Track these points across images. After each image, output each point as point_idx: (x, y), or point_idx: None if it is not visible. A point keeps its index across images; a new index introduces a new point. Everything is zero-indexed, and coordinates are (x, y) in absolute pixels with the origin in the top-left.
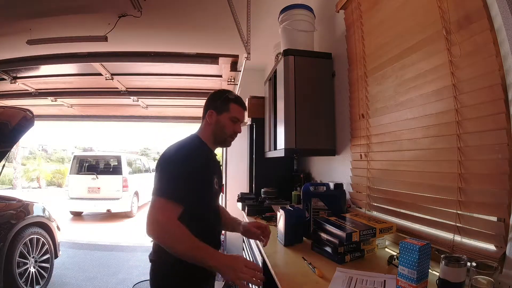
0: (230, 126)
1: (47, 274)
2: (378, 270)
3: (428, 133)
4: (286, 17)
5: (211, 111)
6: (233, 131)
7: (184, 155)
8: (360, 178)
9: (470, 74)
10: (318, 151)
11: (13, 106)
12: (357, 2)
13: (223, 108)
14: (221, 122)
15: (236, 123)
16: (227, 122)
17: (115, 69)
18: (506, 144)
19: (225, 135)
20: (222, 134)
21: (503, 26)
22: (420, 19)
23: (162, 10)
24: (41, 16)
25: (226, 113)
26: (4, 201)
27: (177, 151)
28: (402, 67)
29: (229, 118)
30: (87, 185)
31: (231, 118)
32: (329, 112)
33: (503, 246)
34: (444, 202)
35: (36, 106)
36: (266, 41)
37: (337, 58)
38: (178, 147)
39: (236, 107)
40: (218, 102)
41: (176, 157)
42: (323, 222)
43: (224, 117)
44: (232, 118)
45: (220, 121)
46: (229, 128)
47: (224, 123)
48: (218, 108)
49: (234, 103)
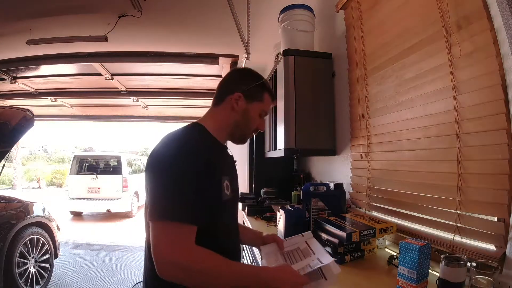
0: (257, 120)
1: (47, 274)
2: (378, 270)
3: (428, 133)
4: (286, 17)
5: (239, 95)
6: (257, 126)
7: (184, 152)
8: (360, 178)
9: (470, 74)
10: (318, 151)
11: (13, 106)
12: (357, 2)
13: (257, 96)
14: (249, 113)
15: (263, 118)
16: (255, 114)
17: (115, 69)
18: (506, 144)
19: (249, 130)
20: (246, 129)
21: (503, 26)
22: (420, 19)
23: (162, 10)
24: (41, 16)
25: (259, 103)
26: (4, 201)
27: (172, 148)
28: (402, 67)
29: (259, 110)
30: (87, 185)
31: (261, 111)
32: (329, 112)
33: (503, 246)
34: (444, 202)
35: (36, 106)
36: (266, 41)
37: (337, 58)
38: (172, 141)
39: (269, 98)
40: (252, 86)
41: (175, 156)
42: (323, 222)
43: (255, 107)
44: (262, 112)
45: (249, 112)
46: (256, 122)
47: (253, 115)
48: (250, 93)
49: (269, 93)
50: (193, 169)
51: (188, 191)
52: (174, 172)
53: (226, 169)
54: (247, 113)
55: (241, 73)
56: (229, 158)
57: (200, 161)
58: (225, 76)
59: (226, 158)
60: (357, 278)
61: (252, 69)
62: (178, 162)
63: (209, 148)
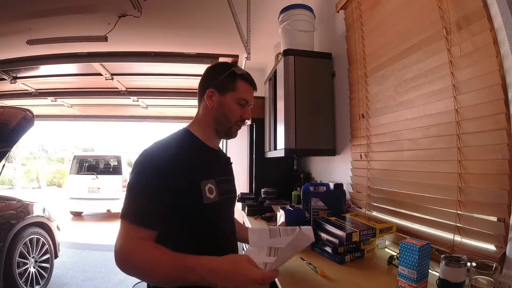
0: (237, 111)
1: (47, 274)
2: (378, 270)
3: (428, 133)
4: (286, 17)
5: (211, 91)
6: (240, 116)
7: (158, 158)
8: (360, 178)
9: (470, 74)
10: (318, 151)
11: (13, 106)
12: (357, 2)
13: (228, 86)
14: (225, 105)
15: (244, 106)
16: (232, 105)
17: (115, 69)
18: (506, 144)
19: (230, 123)
20: (226, 122)
21: (503, 26)
22: (420, 19)
23: (162, 10)
24: (41, 16)
25: (232, 92)
26: (4, 201)
27: (150, 153)
28: (402, 67)
29: (235, 100)
30: (87, 185)
31: (238, 99)
32: (329, 112)
33: (503, 246)
34: (444, 202)
35: (36, 106)
36: (266, 41)
37: (337, 58)
38: (152, 147)
39: (245, 85)
40: (221, 78)
41: (148, 162)
42: (323, 222)
43: (229, 98)
44: (240, 100)
45: (224, 104)
46: (236, 113)
47: (229, 106)
48: (221, 86)
49: (242, 79)
50: (160, 176)
51: (149, 196)
52: (141, 177)
53: (211, 172)
54: (223, 106)
55: (211, 69)
56: (219, 161)
57: (171, 167)
58: (201, 78)
59: (213, 161)
60: (357, 278)
61: (223, 62)
62: (147, 168)
63: (187, 154)
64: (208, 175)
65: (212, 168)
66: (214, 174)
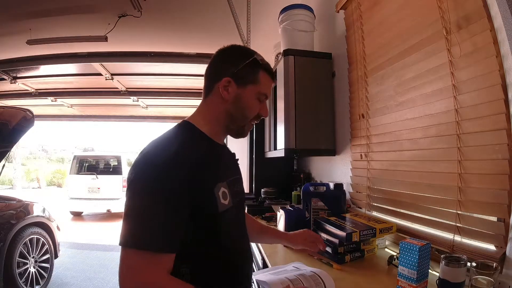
0: (256, 106)
1: (47, 274)
2: (378, 270)
3: (428, 133)
4: (286, 17)
5: (227, 80)
6: (257, 113)
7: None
8: (360, 178)
9: (470, 74)
10: (318, 151)
11: (13, 106)
12: (357, 2)
13: (249, 78)
14: (243, 99)
15: (263, 102)
16: (252, 99)
17: (115, 69)
18: (506, 144)
19: (246, 120)
20: (242, 118)
21: (503, 26)
22: (420, 19)
23: (162, 10)
24: (41, 16)
25: (253, 85)
26: (4, 201)
27: (150, 162)
28: (402, 67)
29: (256, 94)
30: (87, 185)
31: (259, 94)
32: (329, 112)
33: (503, 246)
34: (444, 202)
35: (36, 106)
36: (266, 41)
37: (337, 58)
38: (153, 152)
39: (267, 77)
40: (242, 66)
41: (154, 171)
42: (323, 222)
43: (249, 91)
44: (260, 95)
45: (242, 98)
46: (254, 109)
47: (248, 101)
48: (241, 76)
49: (265, 71)
50: (169, 188)
51: (167, 212)
52: (147, 194)
53: (223, 174)
54: (241, 100)
55: (227, 53)
56: (228, 158)
57: (181, 176)
58: (211, 60)
59: (223, 160)
60: (357, 278)
61: (241, 46)
62: (153, 182)
63: (196, 154)
64: (220, 177)
65: (222, 169)
66: (225, 175)
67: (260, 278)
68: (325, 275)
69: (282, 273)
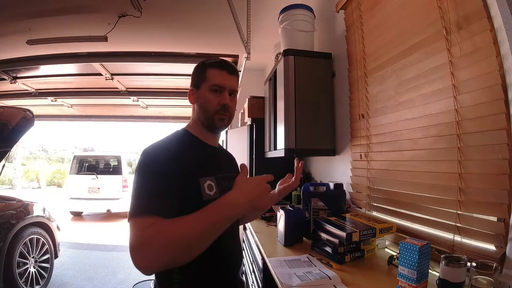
0: (212, 99)
1: (47, 274)
2: (378, 270)
3: (428, 133)
4: (286, 17)
5: (191, 90)
6: (217, 104)
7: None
8: (360, 178)
9: (470, 74)
10: (318, 151)
11: (13, 106)
12: (357, 2)
13: (200, 79)
14: (201, 97)
15: (221, 92)
16: (207, 94)
17: (115, 69)
18: (506, 144)
19: (209, 113)
20: (205, 113)
21: (503, 26)
22: (420, 19)
23: (162, 10)
24: (41, 16)
25: (204, 83)
26: (4, 201)
27: (151, 154)
28: (402, 67)
29: (208, 88)
30: (87, 185)
31: (210, 87)
32: (329, 112)
33: (503, 246)
34: (444, 202)
35: (36, 106)
36: (266, 41)
37: (337, 58)
38: (153, 147)
39: (215, 71)
40: (196, 75)
41: (151, 162)
42: (323, 222)
43: (203, 89)
44: (212, 87)
45: (200, 96)
46: (211, 102)
47: (204, 96)
48: (196, 81)
49: (211, 67)
50: (159, 171)
51: (156, 191)
52: (141, 176)
53: (211, 170)
54: (199, 98)
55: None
56: (221, 158)
57: (172, 166)
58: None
59: (212, 159)
60: (357, 278)
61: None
62: (147, 167)
63: (185, 152)
64: (207, 172)
65: (211, 166)
66: (214, 171)
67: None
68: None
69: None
